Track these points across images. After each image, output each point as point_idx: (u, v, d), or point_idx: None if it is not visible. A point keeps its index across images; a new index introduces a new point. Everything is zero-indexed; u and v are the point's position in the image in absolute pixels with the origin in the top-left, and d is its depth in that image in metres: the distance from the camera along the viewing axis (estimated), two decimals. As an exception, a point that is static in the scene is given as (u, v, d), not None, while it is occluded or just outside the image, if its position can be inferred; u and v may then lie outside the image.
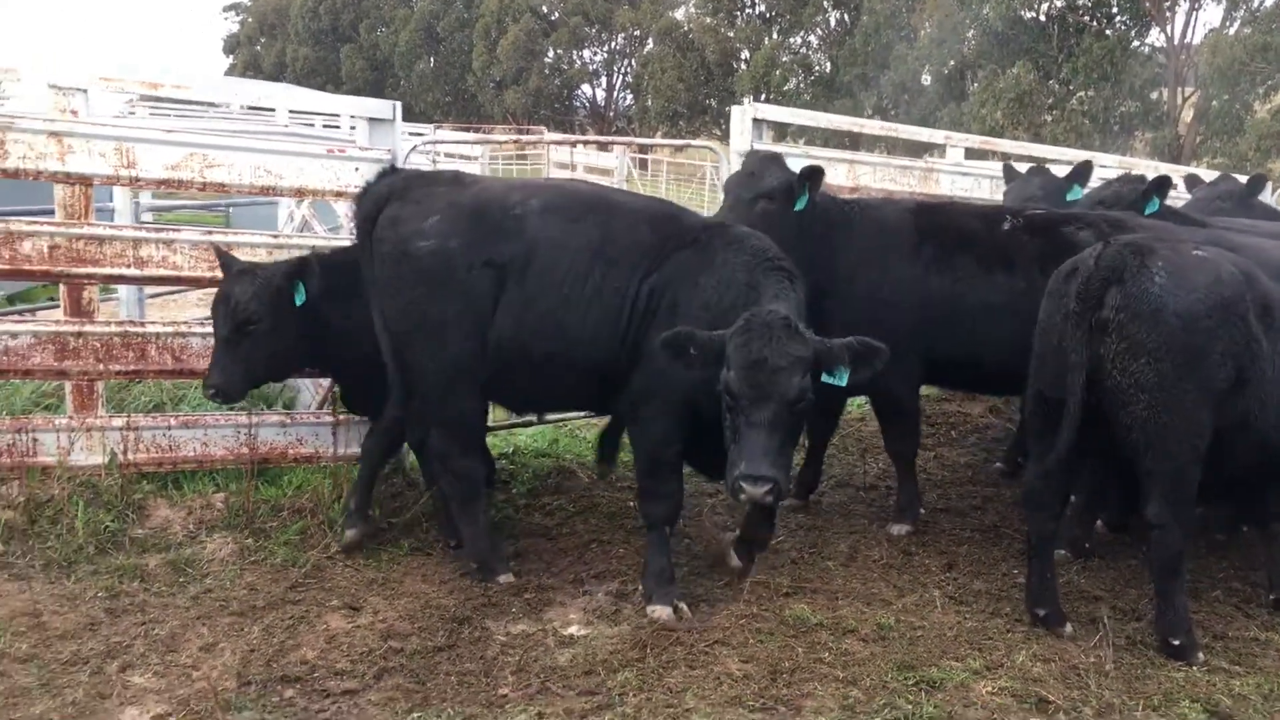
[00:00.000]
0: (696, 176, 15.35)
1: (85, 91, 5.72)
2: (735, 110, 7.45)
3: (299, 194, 5.93)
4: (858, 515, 6.48)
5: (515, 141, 19.88)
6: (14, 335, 5.81)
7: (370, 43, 60.20)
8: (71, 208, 5.64)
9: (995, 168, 9.31)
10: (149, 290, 9.05)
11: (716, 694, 4.37)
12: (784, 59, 44.48)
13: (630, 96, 54.79)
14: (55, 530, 5.48)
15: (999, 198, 8.16)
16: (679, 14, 49.70)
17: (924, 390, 6.94)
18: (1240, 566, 5.90)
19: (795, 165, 7.75)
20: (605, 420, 6.05)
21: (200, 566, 5.37)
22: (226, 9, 76.55)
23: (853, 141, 31.80)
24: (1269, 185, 8.83)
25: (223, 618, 4.92)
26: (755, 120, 7.44)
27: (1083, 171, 7.52)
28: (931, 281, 5.98)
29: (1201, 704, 4.39)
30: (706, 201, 15.42)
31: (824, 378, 4.62)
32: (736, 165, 7.59)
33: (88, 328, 5.86)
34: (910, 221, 6.17)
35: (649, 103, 48.88)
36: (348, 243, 5.89)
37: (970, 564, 5.82)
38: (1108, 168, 9.02)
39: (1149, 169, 7.92)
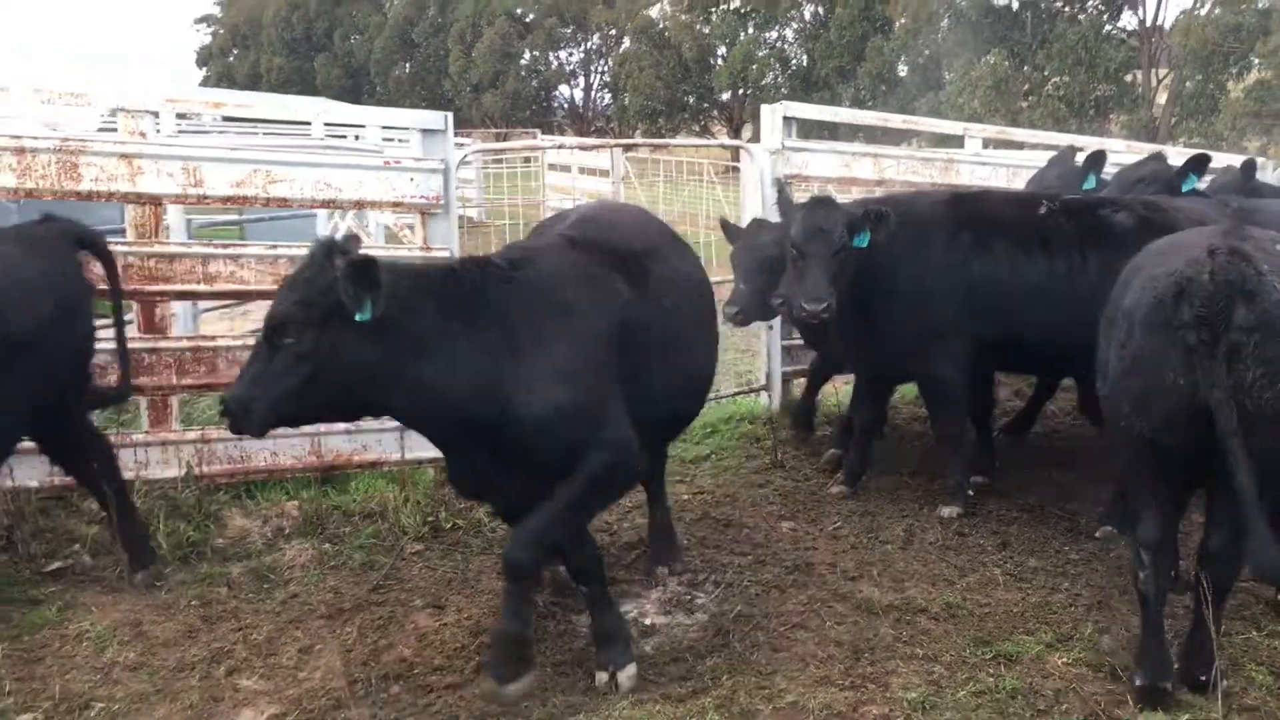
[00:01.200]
0: (694, 173, 15.48)
1: (158, 114, 5.82)
2: (765, 109, 7.63)
3: (358, 206, 6.05)
4: (906, 499, 6.65)
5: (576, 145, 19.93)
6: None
7: (345, 50, 60.00)
8: (142, 227, 5.75)
9: (1005, 156, 9.55)
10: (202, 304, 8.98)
11: (804, 674, 4.54)
12: (760, 53, 44.74)
13: (608, 96, 54.87)
14: (139, 543, 5.58)
15: (1018, 186, 8.38)
16: (654, 11, 49.84)
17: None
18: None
19: (822, 159, 8.00)
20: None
21: (282, 573, 5.51)
22: (198, 21, 76.01)
23: (831, 131, 31.99)
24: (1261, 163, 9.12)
25: (313, 621, 5.07)
26: (785, 118, 7.61)
27: (1097, 160, 7.79)
28: (973, 268, 6.15)
29: (1267, 667, 4.58)
30: (706, 199, 15.59)
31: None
32: (764, 160, 7.77)
33: (161, 344, 5.95)
34: (947, 212, 6.35)
35: (627, 101, 49.03)
36: None
37: (1023, 542, 6.00)
38: (1118, 152, 9.24)
39: (1177, 154, 8.17)
